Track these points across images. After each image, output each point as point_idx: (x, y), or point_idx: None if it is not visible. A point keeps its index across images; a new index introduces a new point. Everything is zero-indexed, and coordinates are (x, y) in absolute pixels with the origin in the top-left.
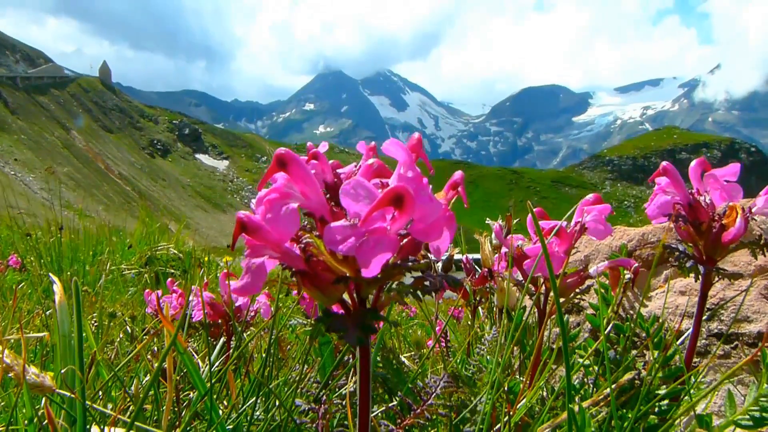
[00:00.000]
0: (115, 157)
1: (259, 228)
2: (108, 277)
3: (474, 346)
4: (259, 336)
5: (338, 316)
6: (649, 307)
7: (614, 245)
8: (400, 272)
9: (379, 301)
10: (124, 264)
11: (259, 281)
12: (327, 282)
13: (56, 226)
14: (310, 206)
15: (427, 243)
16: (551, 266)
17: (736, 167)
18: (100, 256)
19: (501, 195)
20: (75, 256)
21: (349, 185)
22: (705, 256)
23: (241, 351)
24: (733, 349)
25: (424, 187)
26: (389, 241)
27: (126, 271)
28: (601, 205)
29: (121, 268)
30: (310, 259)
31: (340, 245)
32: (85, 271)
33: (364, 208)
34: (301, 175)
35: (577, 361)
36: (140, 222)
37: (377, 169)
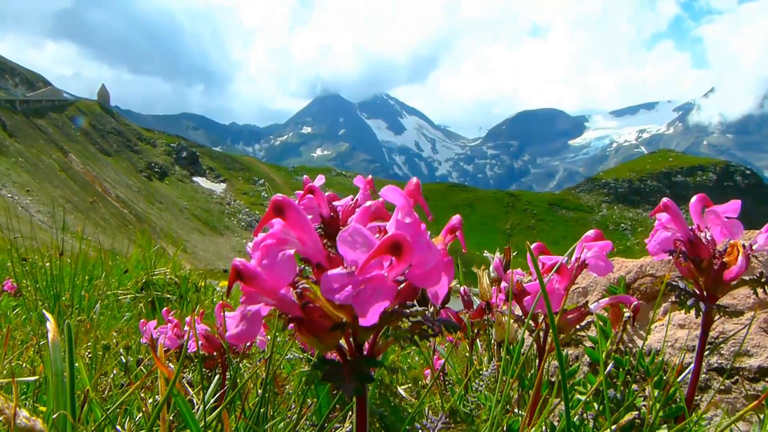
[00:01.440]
0: (112, 180)
1: (255, 276)
2: (104, 303)
3: (473, 380)
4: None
5: (334, 364)
6: (648, 340)
7: (612, 277)
8: (398, 319)
9: (376, 346)
10: (120, 289)
11: (255, 329)
12: (323, 329)
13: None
14: (306, 252)
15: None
16: (550, 306)
17: (737, 204)
18: (96, 280)
19: (498, 218)
20: (72, 281)
21: (346, 232)
22: (706, 293)
23: (236, 387)
24: (733, 383)
25: (422, 233)
26: (387, 289)
27: (122, 296)
28: (602, 241)
29: (117, 293)
30: (306, 305)
31: (338, 294)
32: (80, 296)
33: (362, 255)
34: (298, 221)
35: (577, 398)
36: (137, 246)
37: (375, 211)
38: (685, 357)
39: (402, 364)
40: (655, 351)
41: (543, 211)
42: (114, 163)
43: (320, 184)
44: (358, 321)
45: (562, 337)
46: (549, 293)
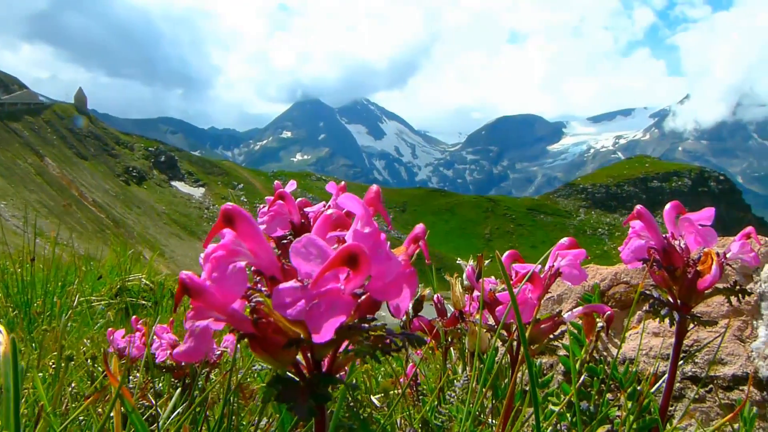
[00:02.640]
0: (89, 184)
1: (202, 290)
2: (76, 310)
3: (446, 390)
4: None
5: (289, 383)
6: (623, 348)
7: (587, 285)
8: (357, 334)
9: (335, 362)
10: (94, 295)
11: (204, 346)
12: (277, 345)
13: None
14: (259, 264)
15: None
16: (520, 317)
17: (711, 211)
18: (69, 287)
19: (477, 223)
20: (44, 288)
21: (299, 243)
22: (680, 302)
23: (201, 398)
24: (708, 392)
25: (381, 243)
26: (343, 304)
27: (96, 303)
28: (576, 249)
29: (90, 299)
30: (258, 321)
31: (290, 309)
32: (52, 303)
33: (316, 268)
34: (249, 232)
35: (551, 409)
36: (111, 251)
37: (336, 220)
38: (659, 366)
39: (376, 372)
40: (629, 360)
41: (522, 216)
42: (91, 167)
43: (291, 189)
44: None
45: (536, 347)
46: (521, 303)
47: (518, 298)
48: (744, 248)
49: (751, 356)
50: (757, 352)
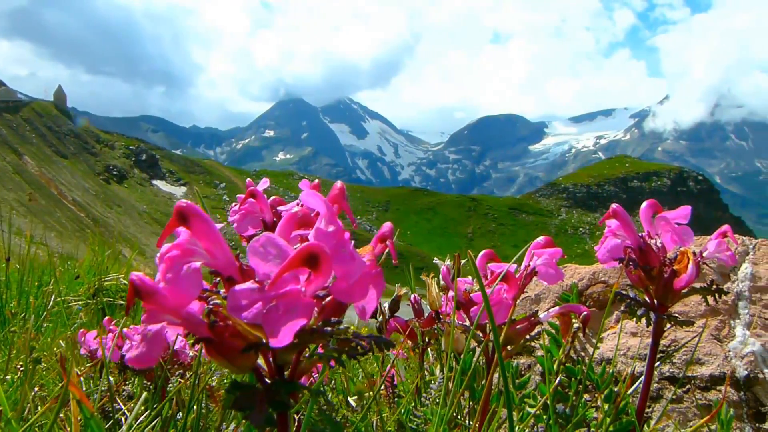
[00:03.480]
0: (69, 183)
1: (154, 292)
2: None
3: (423, 391)
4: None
5: (246, 389)
6: (600, 349)
7: (565, 284)
8: (321, 338)
9: (299, 367)
10: (71, 295)
11: (156, 351)
12: (235, 350)
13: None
14: (216, 265)
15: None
16: (493, 320)
17: (687, 210)
18: (46, 287)
19: (460, 222)
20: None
21: (257, 242)
22: (657, 302)
23: (165, 402)
24: (685, 393)
25: (344, 243)
26: (303, 306)
27: (73, 303)
28: (552, 248)
29: (67, 299)
30: (215, 325)
31: (245, 312)
32: (28, 303)
33: (275, 269)
34: (205, 230)
35: (528, 411)
36: (89, 250)
37: (302, 218)
38: (637, 366)
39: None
40: (607, 361)
41: (504, 215)
42: (71, 165)
43: (264, 187)
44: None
45: (512, 347)
46: (496, 303)
47: (493, 299)
48: (720, 247)
49: (728, 356)
50: (734, 352)
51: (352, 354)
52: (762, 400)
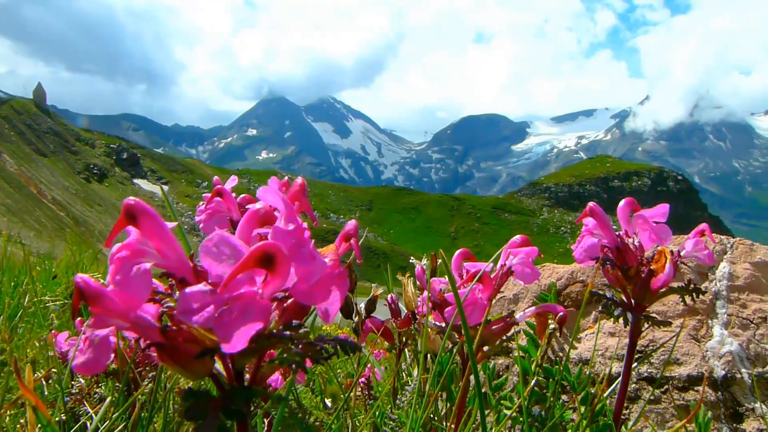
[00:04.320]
0: (48, 181)
1: (100, 295)
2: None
3: (400, 392)
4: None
5: (199, 397)
6: (578, 349)
7: (543, 284)
8: (280, 342)
9: (259, 373)
10: (48, 295)
11: (104, 357)
12: (189, 355)
13: None
14: (168, 266)
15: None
16: (465, 321)
17: (665, 208)
18: (22, 287)
19: (443, 221)
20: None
21: (210, 242)
22: (634, 303)
23: (127, 405)
24: (663, 393)
25: (304, 242)
26: (259, 309)
27: (50, 303)
28: (528, 247)
29: (43, 299)
30: (167, 329)
31: (195, 315)
32: (3, 303)
33: (228, 270)
34: (155, 229)
35: (504, 413)
36: (67, 250)
37: (264, 216)
38: (614, 366)
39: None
40: (583, 362)
41: (487, 214)
42: (50, 164)
43: (231, 185)
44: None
45: (487, 349)
46: (471, 303)
47: (468, 299)
48: (698, 246)
49: (706, 356)
50: (712, 352)
51: (316, 358)
52: (739, 400)
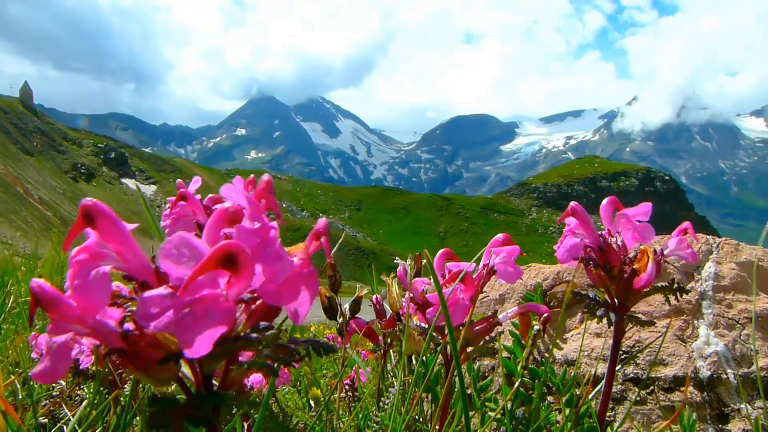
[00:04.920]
0: (35, 181)
1: (57, 301)
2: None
3: (385, 394)
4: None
5: (164, 404)
6: (564, 350)
7: (529, 284)
8: (248, 345)
9: (228, 377)
10: None
11: (63, 365)
12: (152, 361)
13: None
14: (128, 269)
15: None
16: (450, 322)
17: (648, 206)
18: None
19: (432, 221)
20: None
21: (170, 243)
22: (617, 303)
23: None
24: (649, 394)
25: (269, 241)
26: (222, 312)
27: None
28: (510, 246)
29: (28, 300)
30: (128, 334)
31: (154, 320)
32: None
33: (189, 272)
34: (113, 231)
35: (489, 415)
36: (52, 249)
37: (232, 215)
38: (600, 367)
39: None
40: (569, 363)
41: (475, 214)
42: (37, 163)
43: (195, 187)
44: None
45: (471, 349)
46: (453, 304)
47: (450, 299)
48: (681, 245)
49: (692, 356)
50: (697, 352)
51: (287, 361)
52: (725, 401)
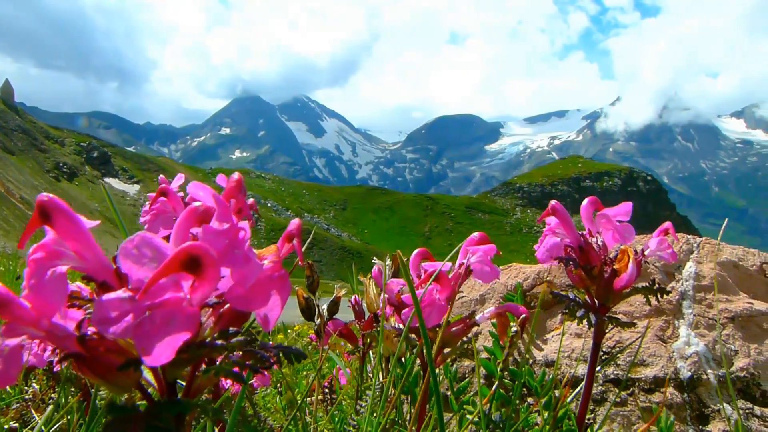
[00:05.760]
0: (16, 180)
1: (8, 302)
2: None
3: (363, 397)
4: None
5: (123, 412)
6: (545, 350)
7: (510, 284)
8: (214, 351)
9: (194, 384)
10: None
11: (14, 369)
12: (111, 367)
13: None
14: (87, 268)
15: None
16: (423, 323)
17: (628, 206)
18: None
19: (417, 221)
20: None
21: (131, 243)
22: (597, 303)
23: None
24: (629, 395)
25: (238, 243)
26: (184, 317)
27: None
28: (486, 245)
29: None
30: (86, 338)
31: (112, 326)
32: None
33: (150, 274)
34: (71, 229)
35: (466, 418)
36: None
37: (203, 213)
38: (580, 368)
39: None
40: (548, 364)
41: (460, 214)
42: (18, 162)
43: (178, 184)
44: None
45: (448, 351)
46: (429, 304)
47: (425, 300)
48: (662, 245)
49: (672, 357)
50: (678, 353)
51: (256, 368)
52: (705, 401)
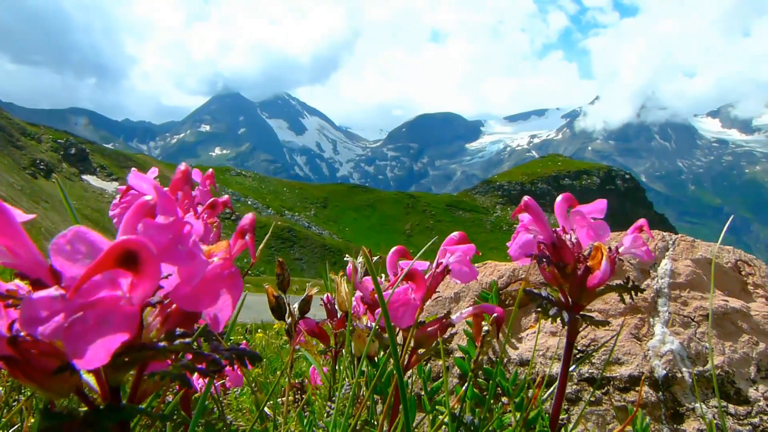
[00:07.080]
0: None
1: None
2: None
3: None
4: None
5: (58, 419)
6: (519, 349)
7: (485, 282)
8: (157, 354)
9: (139, 388)
10: None
11: None
12: (46, 371)
13: None
14: (19, 265)
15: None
16: (390, 324)
17: (603, 204)
18: None
19: (398, 218)
20: None
21: (63, 238)
22: (571, 302)
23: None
24: (604, 394)
25: (183, 237)
26: (121, 317)
27: None
28: (465, 245)
29: None
30: (18, 340)
31: (41, 326)
32: None
33: (84, 271)
34: (1, 224)
35: (438, 418)
36: None
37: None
38: (555, 367)
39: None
40: (523, 362)
41: (441, 212)
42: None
43: (153, 177)
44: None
45: (422, 351)
46: (403, 304)
47: (399, 299)
48: (636, 242)
49: (647, 355)
50: (653, 351)
51: (207, 372)
52: (680, 400)
